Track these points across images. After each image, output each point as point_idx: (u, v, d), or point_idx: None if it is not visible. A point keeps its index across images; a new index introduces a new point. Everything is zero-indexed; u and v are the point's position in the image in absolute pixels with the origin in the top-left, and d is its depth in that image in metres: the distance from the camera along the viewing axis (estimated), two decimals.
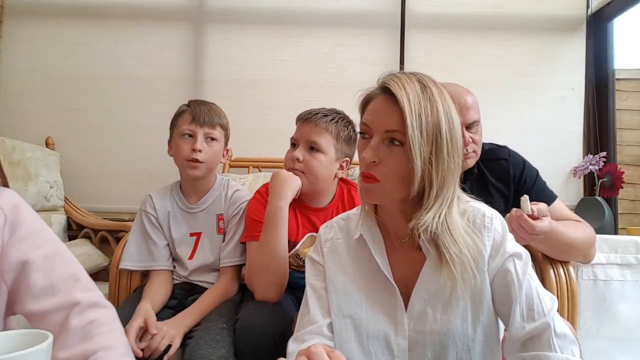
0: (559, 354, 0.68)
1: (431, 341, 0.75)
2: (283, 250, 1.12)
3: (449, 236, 0.73)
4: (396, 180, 0.73)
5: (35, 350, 0.54)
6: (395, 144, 0.73)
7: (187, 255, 1.33)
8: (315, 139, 1.18)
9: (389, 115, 0.73)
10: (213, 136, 1.30)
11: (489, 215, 0.78)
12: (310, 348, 0.55)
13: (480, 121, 1.21)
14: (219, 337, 1.05)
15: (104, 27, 2.34)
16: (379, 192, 0.75)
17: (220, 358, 0.99)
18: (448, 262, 0.73)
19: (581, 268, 1.67)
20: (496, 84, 2.31)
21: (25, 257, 0.74)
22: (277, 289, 1.11)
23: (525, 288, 0.73)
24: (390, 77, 0.75)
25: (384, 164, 0.73)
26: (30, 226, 0.77)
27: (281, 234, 1.12)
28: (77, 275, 0.79)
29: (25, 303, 0.74)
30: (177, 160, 1.32)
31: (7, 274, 0.73)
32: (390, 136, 0.73)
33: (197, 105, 1.31)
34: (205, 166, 1.30)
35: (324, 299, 0.83)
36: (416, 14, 2.37)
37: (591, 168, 2.13)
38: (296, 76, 2.35)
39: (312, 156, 1.18)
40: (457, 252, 0.72)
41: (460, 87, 1.19)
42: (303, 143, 1.20)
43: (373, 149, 0.73)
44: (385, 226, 0.83)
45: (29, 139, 2.04)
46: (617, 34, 2.34)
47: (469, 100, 1.16)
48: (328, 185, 1.25)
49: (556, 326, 0.71)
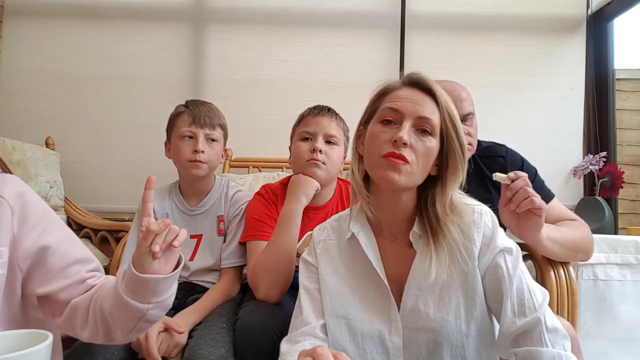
0: (551, 349, 0.68)
1: (425, 338, 0.76)
2: (292, 251, 1.12)
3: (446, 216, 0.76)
4: (422, 165, 0.76)
5: (35, 350, 0.54)
6: (425, 132, 0.77)
7: (187, 257, 1.32)
8: (334, 132, 1.22)
9: (421, 104, 0.77)
10: (213, 137, 1.30)
11: (478, 211, 0.79)
12: (317, 349, 0.55)
13: (474, 115, 1.23)
14: (219, 337, 1.05)
15: (104, 27, 2.34)
16: (406, 173, 0.75)
17: (220, 357, 0.99)
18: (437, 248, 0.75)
19: (581, 268, 1.67)
20: (496, 84, 2.31)
21: (42, 242, 0.77)
22: (280, 289, 1.11)
23: (516, 283, 0.74)
24: (416, 74, 0.81)
25: (414, 149, 0.76)
26: (38, 213, 0.79)
27: (292, 236, 1.13)
28: (86, 258, 0.84)
29: (39, 285, 0.78)
30: (177, 162, 1.31)
31: (22, 261, 0.76)
32: (422, 123, 0.76)
33: (196, 106, 1.30)
34: (207, 166, 1.29)
35: (317, 300, 0.83)
36: (416, 14, 2.37)
37: (591, 168, 2.13)
38: (296, 76, 2.35)
39: (330, 148, 1.22)
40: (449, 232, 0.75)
41: (454, 82, 1.24)
42: (321, 136, 1.22)
43: (407, 132, 0.75)
44: (377, 224, 0.84)
45: (29, 139, 2.04)
46: (617, 34, 2.34)
47: (462, 94, 1.21)
48: (334, 180, 1.28)
49: (547, 321, 0.71)
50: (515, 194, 0.93)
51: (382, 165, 0.75)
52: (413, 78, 0.80)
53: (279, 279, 1.11)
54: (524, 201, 0.93)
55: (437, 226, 0.76)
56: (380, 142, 0.76)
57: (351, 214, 0.85)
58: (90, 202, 2.25)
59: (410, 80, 0.80)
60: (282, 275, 1.11)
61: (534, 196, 0.93)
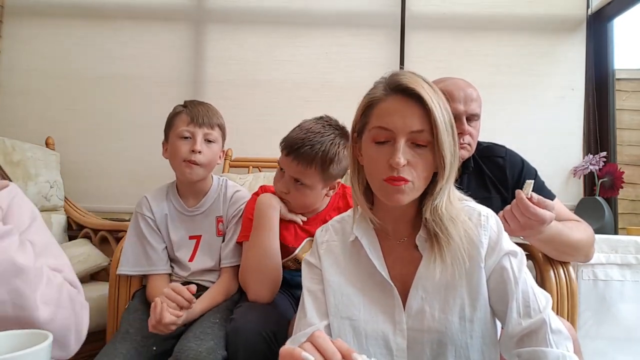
0: (555, 350, 0.69)
1: (429, 339, 0.76)
2: (274, 249, 1.12)
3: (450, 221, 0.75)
4: (423, 178, 0.75)
5: (35, 350, 0.54)
6: (420, 145, 0.74)
7: (187, 257, 1.32)
8: (299, 177, 1.14)
9: (412, 116, 0.73)
10: (211, 138, 1.29)
11: (484, 214, 0.79)
12: (314, 333, 0.55)
13: (480, 118, 1.22)
14: (209, 331, 1.05)
15: (104, 27, 2.34)
16: (410, 190, 0.74)
17: (209, 350, 0.99)
18: (443, 251, 0.74)
19: (581, 268, 1.67)
20: (496, 84, 2.31)
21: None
22: (270, 289, 1.11)
23: (521, 285, 0.74)
24: (400, 77, 0.75)
25: (413, 166, 0.74)
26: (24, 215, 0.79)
27: (272, 233, 1.12)
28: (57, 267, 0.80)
29: None
30: (174, 162, 1.29)
31: None
32: (415, 138, 0.73)
33: (194, 106, 1.29)
34: (204, 168, 1.28)
35: (320, 301, 0.83)
36: (416, 14, 2.37)
37: (591, 168, 2.13)
38: (296, 76, 2.35)
39: (297, 190, 1.16)
40: (456, 237, 0.74)
41: (467, 81, 1.23)
42: (288, 177, 1.16)
43: (403, 152, 0.72)
44: (382, 228, 0.83)
45: (29, 139, 2.04)
46: (617, 34, 2.34)
47: (474, 93, 1.20)
48: (320, 202, 1.24)
49: (552, 322, 0.72)
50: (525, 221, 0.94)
51: (385, 189, 0.75)
52: (398, 85, 0.74)
53: (264, 278, 1.10)
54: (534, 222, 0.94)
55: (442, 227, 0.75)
56: (378, 166, 0.75)
57: (354, 218, 0.84)
58: (90, 202, 2.25)
59: (396, 87, 0.75)
60: (268, 273, 1.10)
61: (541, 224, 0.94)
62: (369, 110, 0.78)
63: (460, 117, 1.18)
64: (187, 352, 0.98)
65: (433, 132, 0.72)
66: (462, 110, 1.18)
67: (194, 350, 0.98)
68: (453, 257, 0.74)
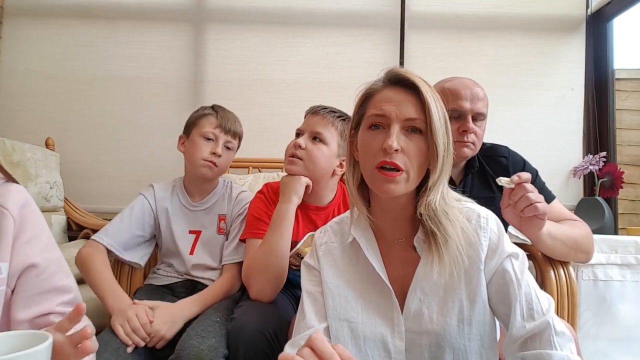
0: (560, 352, 0.69)
1: (428, 342, 0.75)
2: (285, 250, 1.12)
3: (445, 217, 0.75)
4: (416, 168, 0.75)
5: (35, 350, 0.54)
6: (414, 132, 0.75)
7: (187, 250, 1.34)
8: (320, 130, 1.20)
9: (407, 104, 0.75)
10: (231, 146, 1.37)
11: (484, 216, 0.79)
12: (313, 335, 0.55)
13: (486, 118, 1.23)
14: (210, 329, 1.05)
15: (104, 28, 2.34)
16: (402, 180, 0.74)
17: (210, 347, 0.99)
18: (441, 253, 0.74)
19: (581, 268, 1.67)
20: (496, 84, 2.31)
21: (31, 260, 0.74)
22: (273, 288, 1.12)
23: (524, 287, 0.74)
24: (397, 70, 0.78)
25: (406, 152, 0.74)
26: (35, 229, 0.76)
27: (285, 235, 1.13)
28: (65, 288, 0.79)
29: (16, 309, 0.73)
30: (192, 158, 1.34)
31: (11, 279, 0.73)
32: (411, 124, 0.75)
33: (224, 112, 1.37)
34: (219, 170, 1.35)
35: (319, 303, 0.83)
36: (416, 14, 2.37)
37: (591, 168, 2.13)
38: (296, 76, 2.35)
39: (314, 145, 1.21)
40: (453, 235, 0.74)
41: (474, 81, 1.25)
42: (308, 133, 1.22)
43: (396, 137, 0.74)
44: (380, 228, 0.83)
45: (29, 139, 2.04)
46: (617, 33, 2.34)
47: (480, 93, 1.21)
48: (327, 180, 1.25)
49: (555, 325, 0.71)
50: (518, 200, 0.94)
51: (378, 178, 0.75)
52: (395, 76, 0.78)
53: (270, 278, 1.11)
54: (527, 208, 0.94)
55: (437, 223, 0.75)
56: (372, 151, 0.75)
57: (352, 218, 0.85)
58: (90, 203, 2.25)
59: (392, 78, 0.78)
60: (275, 274, 1.11)
61: (537, 202, 0.93)
62: (366, 102, 0.80)
63: (466, 115, 1.18)
64: (188, 349, 0.99)
65: (427, 121, 0.74)
66: (468, 108, 1.18)
67: (196, 347, 0.99)
68: (451, 257, 0.74)
